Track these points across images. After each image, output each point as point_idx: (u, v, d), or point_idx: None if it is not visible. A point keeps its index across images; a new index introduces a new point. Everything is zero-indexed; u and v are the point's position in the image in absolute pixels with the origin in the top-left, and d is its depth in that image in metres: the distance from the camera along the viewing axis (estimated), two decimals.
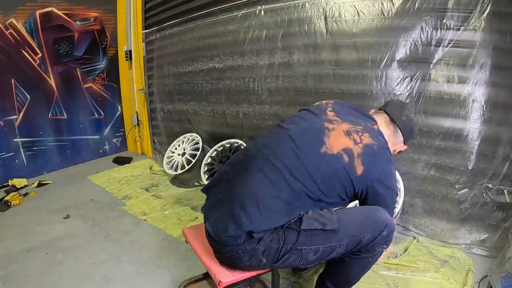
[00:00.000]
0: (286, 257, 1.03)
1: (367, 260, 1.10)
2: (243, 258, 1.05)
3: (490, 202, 1.69)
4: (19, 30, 3.10)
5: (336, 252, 1.05)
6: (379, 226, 1.05)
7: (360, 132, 1.10)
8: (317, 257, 1.05)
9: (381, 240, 1.06)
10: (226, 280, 1.08)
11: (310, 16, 2.15)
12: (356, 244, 1.04)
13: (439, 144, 1.79)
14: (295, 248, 1.02)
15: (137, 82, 3.83)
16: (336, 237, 1.02)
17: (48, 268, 1.74)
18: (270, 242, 1.02)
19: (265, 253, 1.03)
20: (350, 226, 1.04)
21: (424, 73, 1.79)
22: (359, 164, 1.05)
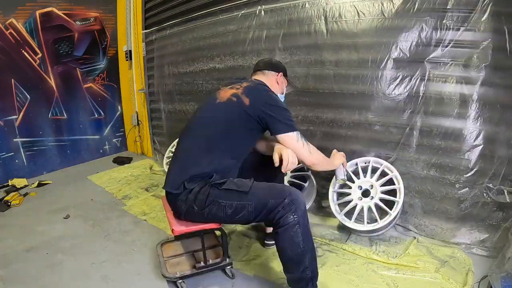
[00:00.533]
0: (210, 207, 1.31)
1: (289, 234, 1.24)
2: (181, 206, 1.36)
3: (490, 202, 1.69)
4: (19, 30, 3.11)
5: (247, 210, 1.29)
6: (282, 194, 1.26)
7: (239, 85, 1.48)
8: (233, 211, 1.30)
9: (286, 208, 1.23)
10: (178, 229, 1.39)
11: (310, 16, 2.15)
12: (263, 207, 1.27)
13: (439, 144, 1.79)
14: (216, 201, 1.30)
15: (137, 82, 3.84)
16: (247, 197, 1.29)
17: (48, 268, 1.74)
18: (198, 194, 1.32)
19: (196, 201, 1.32)
20: (259, 191, 1.30)
21: (424, 73, 1.79)
22: (245, 98, 1.40)
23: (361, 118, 2.02)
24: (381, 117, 1.95)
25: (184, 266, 1.58)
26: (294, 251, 1.25)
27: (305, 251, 1.25)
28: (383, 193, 1.83)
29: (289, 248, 1.25)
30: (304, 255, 1.26)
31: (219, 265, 1.56)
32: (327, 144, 2.20)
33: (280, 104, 1.43)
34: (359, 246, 1.80)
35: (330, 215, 2.10)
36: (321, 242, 1.88)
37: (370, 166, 1.93)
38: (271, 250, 1.80)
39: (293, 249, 1.25)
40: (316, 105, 2.21)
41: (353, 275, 1.57)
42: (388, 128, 1.94)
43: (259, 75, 1.65)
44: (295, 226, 1.23)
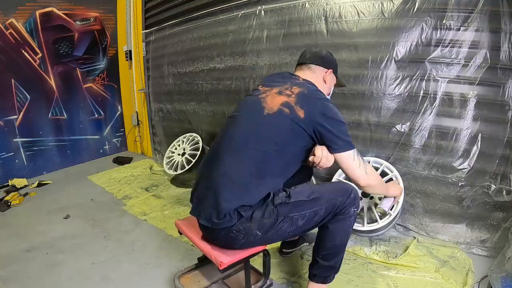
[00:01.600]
0: (280, 226, 1.18)
1: (345, 223, 1.25)
2: (239, 237, 1.16)
3: (491, 202, 1.69)
4: (19, 30, 3.10)
5: (319, 215, 1.22)
6: (347, 191, 1.25)
7: (288, 89, 1.26)
8: (305, 221, 1.21)
9: (351, 202, 1.24)
10: (226, 260, 1.16)
11: (311, 16, 2.15)
12: (333, 206, 1.22)
13: (439, 144, 1.79)
14: (287, 216, 1.18)
15: (137, 82, 3.83)
16: (318, 202, 1.21)
17: (48, 268, 1.74)
18: (261, 219, 1.15)
19: (260, 227, 1.16)
20: (326, 193, 1.24)
21: (424, 73, 1.79)
22: (299, 109, 1.19)
23: (361, 118, 2.02)
24: (381, 117, 1.95)
25: None
26: (342, 240, 1.27)
27: (345, 244, 1.30)
28: None
29: (340, 236, 1.26)
30: (344, 247, 1.30)
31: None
32: None
33: (338, 116, 1.23)
34: (359, 246, 1.80)
35: None
36: None
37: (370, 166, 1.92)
38: (271, 251, 1.80)
39: (343, 237, 1.27)
40: None
41: (353, 275, 1.57)
42: (389, 128, 1.94)
43: (305, 70, 1.38)
44: (352, 217, 1.26)
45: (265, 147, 1.18)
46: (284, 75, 1.39)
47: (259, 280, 1.42)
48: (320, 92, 1.29)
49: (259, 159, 1.18)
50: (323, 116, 1.20)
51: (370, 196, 1.86)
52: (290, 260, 1.72)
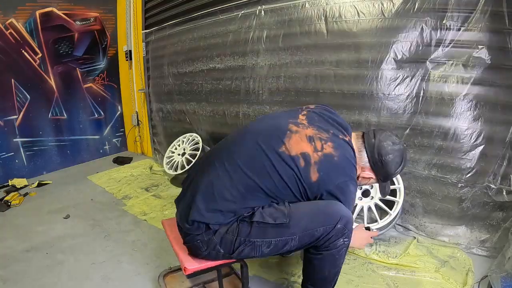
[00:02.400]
0: (241, 249, 1.07)
1: (333, 257, 1.09)
2: (202, 247, 1.11)
3: (491, 202, 1.69)
4: (19, 30, 3.10)
5: (290, 245, 1.07)
6: (332, 220, 1.04)
7: (324, 140, 1.09)
8: (271, 250, 1.07)
9: (338, 234, 1.05)
10: (191, 267, 1.13)
11: (311, 16, 2.15)
12: (310, 238, 1.05)
13: (440, 144, 1.79)
14: (249, 240, 1.06)
15: (137, 82, 3.83)
16: (288, 230, 1.04)
17: (48, 268, 1.74)
18: (225, 234, 1.07)
19: (221, 243, 1.08)
20: (302, 220, 1.04)
21: (424, 73, 1.79)
22: (315, 171, 1.05)
23: (361, 118, 2.02)
24: (381, 117, 1.95)
25: None
26: (332, 271, 1.14)
27: (339, 271, 1.16)
28: None
29: (328, 269, 1.12)
30: (336, 275, 1.16)
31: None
32: None
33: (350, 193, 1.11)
34: None
35: None
36: None
37: None
38: None
39: (332, 269, 1.13)
40: None
41: (353, 275, 1.57)
42: (389, 129, 1.93)
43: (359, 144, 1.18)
44: (342, 249, 1.09)
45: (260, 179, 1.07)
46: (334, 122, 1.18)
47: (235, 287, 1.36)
48: (352, 167, 1.12)
49: (250, 188, 1.08)
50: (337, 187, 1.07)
51: (370, 196, 1.87)
52: (290, 260, 1.72)
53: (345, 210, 1.07)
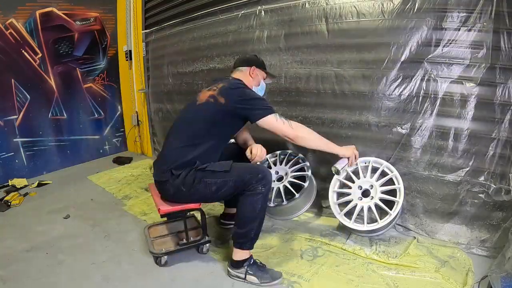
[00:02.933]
0: (197, 186, 1.53)
1: (252, 199, 1.51)
2: (170, 189, 1.57)
3: (491, 202, 1.69)
4: (19, 30, 3.10)
5: (228, 186, 1.52)
6: (256, 171, 1.53)
7: (215, 86, 1.64)
8: (217, 188, 1.53)
9: (258, 181, 1.50)
10: (164, 208, 1.60)
11: (311, 16, 2.15)
12: (241, 181, 1.51)
13: (440, 144, 1.79)
14: (203, 180, 1.53)
15: (137, 82, 3.83)
16: (229, 175, 1.52)
17: (48, 268, 1.74)
18: (185, 177, 1.53)
19: (184, 184, 1.53)
20: (238, 169, 1.54)
21: (424, 73, 1.79)
22: (220, 97, 1.56)
23: (362, 118, 2.02)
24: (381, 117, 1.95)
25: (169, 244, 1.79)
26: (250, 213, 1.53)
27: (257, 217, 1.54)
28: (383, 193, 1.83)
29: (248, 209, 1.53)
30: (255, 219, 1.54)
31: (199, 242, 1.77)
32: None
33: (253, 95, 1.61)
34: (359, 246, 1.80)
35: (330, 215, 2.10)
36: (321, 242, 1.88)
37: (370, 166, 1.93)
38: (272, 251, 1.80)
39: (250, 210, 1.53)
40: (317, 106, 2.21)
41: (353, 275, 1.58)
42: (389, 129, 1.94)
43: (236, 73, 1.80)
44: (259, 195, 1.51)
45: (195, 125, 1.59)
46: (220, 78, 1.77)
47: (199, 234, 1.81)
48: (241, 84, 1.65)
49: (191, 135, 1.58)
50: (240, 98, 1.56)
51: (370, 196, 1.87)
52: (290, 260, 1.72)
53: (266, 169, 1.58)
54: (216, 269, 1.68)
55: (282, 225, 2.11)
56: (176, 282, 1.60)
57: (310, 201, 2.15)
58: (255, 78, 1.80)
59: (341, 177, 1.92)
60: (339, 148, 1.76)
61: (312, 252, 1.79)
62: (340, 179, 1.93)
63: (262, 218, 1.57)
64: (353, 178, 1.95)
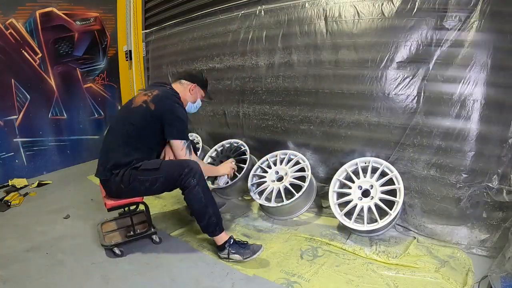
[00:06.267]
0: (133, 184, 1.69)
1: (192, 193, 1.66)
2: (112, 186, 1.74)
3: (491, 202, 1.69)
4: (19, 30, 3.11)
5: (159, 181, 1.68)
6: (183, 166, 1.67)
7: (151, 92, 1.79)
8: (150, 184, 1.69)
9: (187, 174, 1.64)
10: (110, 202, 1.77)
11: (310, 16, 2.15)
12: (171, 177, 1.67)
13: (439, 144, 1.79)
14: (137, 178, 1.68)
15: (137, 82, 3.83)
16: (158, 172, 1.67)
17: (48, 268, 1.74)
18: (123, 176, 1.69)
19: (122, 181, 1.69)
20: (166, 167, 1.69)
21: (424, 73, 1.79)
22: (152, 104, 1.72)
23: (361, 118, 2.02)
24: (381, 117, 1.95)
25: (118, 237, 1.94)
26: (198, 205, 1.67)
27: (207, 204, 1.68)
28: (383, 193, 1.83)
29: (194, 203, 1.68)
30: (207, 207, 1.68)
31: (145, 233, 1.93)
32: (327, 144, 2.20)
33: (179, 115, 1.75)
34: (359, 246, 1.80)
35: (330, 215, 2.10)
36: (321, 242, 1.88)
37: (370, 166, 1.93)
38: (274, 250, 1.81)
39: (197, 203, 1.67)
40: (316, 105, 2.21)
41: (353, 275, 1.57)
42: (388, 128, 1.94)
43: (176, 83, 1.92)
44: (196, 186, 1.65)
45: (128, 126, 1.73)
46: (159, 84, 1.91)
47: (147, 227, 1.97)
48: (175, 97, 1.79)
49: (125, 135, 1.73)
50: (168, 111, 1.72)
51: (370, 196, 1.87)
52: (290, 260, 1.72)
53: (192, 162, 1.70)
54: (216, 269, 1.68)
55: (282, 225, 2.11)
56: (176, 282, 1.59)
57: (310, 201, 2.15)
58: (193, 95, 1.93)
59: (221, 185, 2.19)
60: (218, 168, 2.09)
61: (312, 252, 1.79)
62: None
63: (212, 203, 1.71)
64: (353, 178, 1.95)
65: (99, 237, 1.94)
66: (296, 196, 1.99)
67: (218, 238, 1.72)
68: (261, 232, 2.04)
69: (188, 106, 1.94)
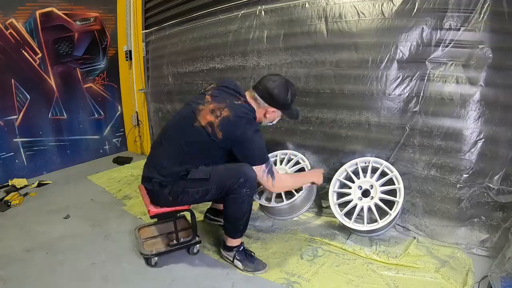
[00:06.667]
0: (181, 196, 1.58)
1: (237, 201, 1.56)
2: (159, 197, 1.62)
3: (491, 202, 1.69)
4: (19, 30, 3.10)
5: (211, 193, 1.57)
6: (236, 176, 1.52)
7: (221, 109, 1.52)
8: (200, 196, 1.57)
9: (241, 185, 1.52)
10: (153, 210, 1.64)
11: (311, 16, 2.15)
12: (223, 187, 1.54)
13: (439, 144, 1.79)
14: (186, 190, 1.57)
15: (137, 82, 3.83)
16: (209, 183, 1.54)
17: (48, 268, 1.74)
18: (172, 187, 1.57)
19: (170, 194, 1.58)
20: (218, 176, 1.55)
21: (424, 73, 1.79)
22: (219, 132, 1.50)
23: (361, 118, 2.02)
24: (381, 117, 1.95)
25: (159, 245, 1.80)
26: (239, 213, 1.60)
27: (245, 214, 1.62)
28: (383, 193, 1.83)
29: (236, 211, 1.60)
30: (243, 217, 1.62)
31: (189, 242, 1.79)
32: (327, 144, 2.21)
33: (254, 139, 1.54)
34: (359, 246, 1.80)
35: (330, 215, 2.10)
36: (321, 242, 1.88)
37: (370, 166, 1.93)
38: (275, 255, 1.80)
39: (239, 211, 1.60)
40: (316, 106, 2.21)
41: (353, 275, 1.58)
42: (389, 129, 1.94)
43: (253, 96, 1.62)
44: (244, 196, 1.55)
45: (189, 146, 1.56)
46: (231, 91, 1.62)
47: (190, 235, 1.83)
48: (248, 116, 1.55)
49: (181, 152, 1.56)
50: (237, 141, 1.53)
51: (370, 196, 1.87)
52: (290, 260, 1.72)
53: (248, 168, 1.53)
54: (215, 269, 1.68)
55: (282, 225, 2.11)
56: (176, 282, 1.60)
57: (310, 201, 2.15)
58: (267, 119, 1.67)
59: None
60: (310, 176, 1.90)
61: (312, 252, 1.79)
62: None
63: (249, 213, 1.65)
64: (353, 178, 1.95)
65: (138, 244, 1.81)
66: (296, 196, 1.99)
67: (232, 240, 1.69)
68: (261, 232, 2.04)
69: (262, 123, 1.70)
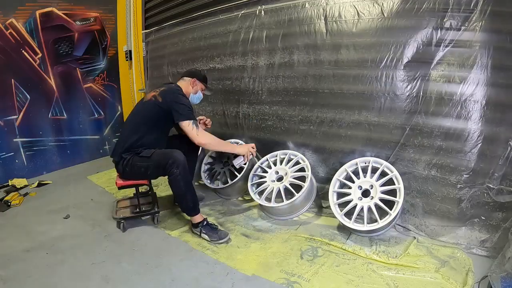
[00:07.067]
0: (133, 168, 1.97)
1: (174, 180, 1.92)
2: (120, 168, 2.04)
3: (491, 202, 1.69)
4: (19, 30, 3.11)
5: (151, 169, 1.96)
6: (167, 157, 1.90)
7: (159, 89, 2.10)
8: (144, 170, 1.98)
9: (172, 164, 1.88)
10: (119, 182, 2.08)
11: (310, 16, 2.15)
12: (158, 166, 1.93)
13: (440, 145, 1.79)
14: (135, 164, 1.97)
15: (137, 82, 3.84)
16: (149, 160, 1.94)
17: (48, 268, 1.74)
18: (128, 160, 1.98)
19: (127, 165, 1.99)
20: (156, 156, 1.94)
21: (424, 73, 1.79)
22: (159, 97, 2.02)
23: (361, 118, 2.02)
24: (381, 117, 1.95)
25: (127, 213, 2.23)
26: (178, 191, 1.95)
27: (186, 191, 1.94)
28: (383, 193, 1.83)
29: (175, 190, 1.95)
30: (186, 194, 1.94)
31: (149, 212, 2.20)
32: (327, 144, 2.21)
33: (183, 102, 2.02)
34: (359, 246, 1.80)
35: (330, 215, 2.10)
36: (321, 242, 1.88)
37: (370, 166, 1.93)
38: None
39: (178, 189, 1.94)
40: (316, 105, 2.22)
41: (353, 275, 1.57)
42: (388, 128, 1.94)
43: (180, 81, 2.22)
44: (177, 176, 1.89)
45: (140, 117, 2.06)
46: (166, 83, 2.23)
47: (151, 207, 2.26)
48: (177, 90, 2.08)
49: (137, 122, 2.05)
50: (173, 101, 2.00)
51: (370, 196, 1.87)
52: (290, 260, 1.72)
53: (177, 153, 1.91)
54: (216, 269, 1.68)
55: (282, 225, 2.11)
56: (176, 282, 1.60)
57: (310, 201, 2.15)
58: (194, 88, 2.23)
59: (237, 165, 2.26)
60: (236, 147, 2.28)
61: (312, 252, 1.79)
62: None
63: (191, 190, 1.96)
64: (353, 178, 1.95)
65: (113, 211, 2.27)
66: (296, 196, 1.99)
67: (194, 218, 2.00)
68: (261, 232, 2.04)
69: (190, 98, 2.20)
